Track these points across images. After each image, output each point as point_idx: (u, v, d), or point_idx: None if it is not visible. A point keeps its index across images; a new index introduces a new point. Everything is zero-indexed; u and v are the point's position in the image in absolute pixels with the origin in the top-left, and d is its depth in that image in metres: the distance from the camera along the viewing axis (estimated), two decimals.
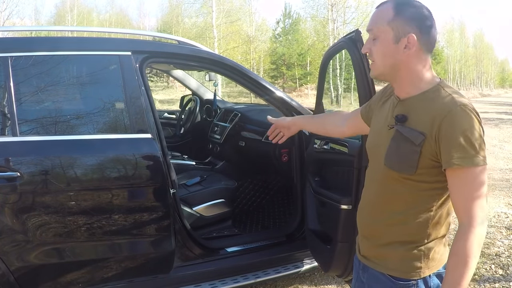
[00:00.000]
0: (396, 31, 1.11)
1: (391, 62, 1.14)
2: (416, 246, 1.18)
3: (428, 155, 1.09)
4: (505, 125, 13.53)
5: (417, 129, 1.10)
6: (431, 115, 1.08)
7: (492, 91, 58.23)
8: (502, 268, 3.09)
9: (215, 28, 20.46)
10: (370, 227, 1.28)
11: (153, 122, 2.16)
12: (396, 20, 1.11)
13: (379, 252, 1.25)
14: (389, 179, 1.18)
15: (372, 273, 1.27)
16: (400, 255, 1.20)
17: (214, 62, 2.52)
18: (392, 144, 1.16)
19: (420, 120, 1.11)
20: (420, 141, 1.09)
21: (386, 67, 1.16)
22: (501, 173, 6.28)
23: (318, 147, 2.42)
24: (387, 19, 1.12)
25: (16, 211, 1.89)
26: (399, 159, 1.13)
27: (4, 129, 1.96)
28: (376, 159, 1.24)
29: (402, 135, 1.13)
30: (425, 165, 1.10)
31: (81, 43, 2.28)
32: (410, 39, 1.11)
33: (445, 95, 1.10)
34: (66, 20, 31.66)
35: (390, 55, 1.13)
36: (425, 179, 1.12)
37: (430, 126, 1.08)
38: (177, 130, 4.26)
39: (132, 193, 2.12)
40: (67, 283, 2.04)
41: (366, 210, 1.29)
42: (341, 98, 22.44)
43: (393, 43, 1.12)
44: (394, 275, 1.21)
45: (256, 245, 2.62)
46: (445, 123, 1.05)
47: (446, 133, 1.05)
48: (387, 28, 1.12)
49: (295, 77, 29.72)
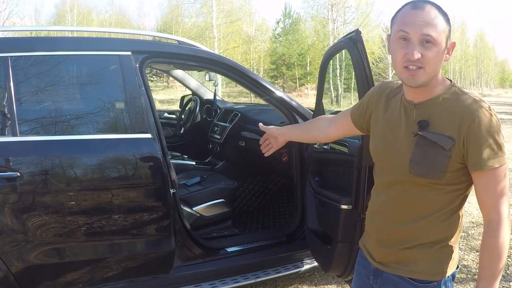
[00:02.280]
0: (446, 36, 1.11)
1: (437, 68, 1.13)
2: (441, 247, 1.20)
3: (456, 158, 1.11)
4: (505, 125, 13.53)
5: (444, 134, 1.11)
6: (457, 118, 1.10)
7: (492, 91, 58.22)
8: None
9: (215, 28, 20.46)
10: (391, 233, 1.25)
11: (153, 122, 2.16)
12: (446, 27, 1.11)
13: (401, 255, 1.23)
14: (414, 185, 1.17)
15: (387, 278, 1.26)
16: (425, 257, 1.20)
17: (214, 62, 2.52)
18: (417, 150, 1.14)
19: (446, 124, 1.11)
20: (450, 146, 1.10)
21: (434, 73, 1.12)
22: None
23: (318, 147, 2.42)
24: (444, 27, 1.10)
25: (16, 211, 1.90)
26: (427, 165, 1.13)
27: (4, 129, 1.96)
28: (391, 165, 1.22)
29: (429, 141, 1.12)
30: (453, 169, 1.12)
31: (81, 43, 2.28)
32: (453, 46, 1.13)
33: (466, 97, 1.13)
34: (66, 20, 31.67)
35: (439, 62, 1.12)
36: (451, 182, 1.14)
37: (458, 130, 1.09)
38: (177, 130, 4.26)
39: (132, 193, 2.12)
40: (67, 283, 2.04)
41: (384, 217, 1.26)
42: (341, 98, 22.45)
43: (443, 50, 1.11)
44: (417, 277, 1.20)
45: (256, 245, 2.62)
46: (474, 127, 1.07)
47: (475, 137, 1.07)
48: (443, 36, 1.10)
49: (295, 77, 29.73)
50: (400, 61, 1.11)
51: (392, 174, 1.23)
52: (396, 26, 1.13)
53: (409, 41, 1.09)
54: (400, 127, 1.20)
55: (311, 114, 2.64)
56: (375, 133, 1.31)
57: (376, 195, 1.30)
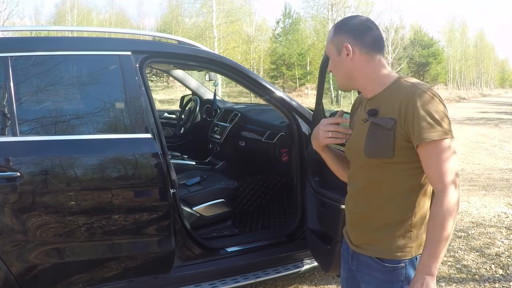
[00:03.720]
0: (336, 45, 1.29)
1: (342, 71, 1.30)
2: (403, 226, 1.26)
3: (401, 137, 1.20)
4: (505, 125, 13.54)
5: (387, 117, 1.22)
6: (398, 101, 1.20)
7: (492, 91, 58.26)
8: (502, 268, 3.09)
9: (215, 28, 20.44)
10: (359, 215, 1.35)
11: (153, 122, 2.16)
12: (334, 37, 1.29)
13: (370, 237, 1.32)
14: (370, 167, 1.27)
15: (361, 260, 1.34)
16: (390, 237, 1.27)
17: (214, 62, 2.52)
18: (369, 134, 1.26)
19: (389, 109, 1.23)
20: (391, 125, 1.20)
21: (343, 77, 1.31)
22: (501, 173, 6.28)
23: None
24: (329, 38, 1.32)
25: (16, 211, 1.90)
26: (377, 146, 1.23)
27: (4, 129, 1.96)
28: (355, 155, 1.33)
29: (376, 125, 1.24)
30: (400, 146, 1.20)
31: (81, 43, 2.28)
32: (346, 47, 1.26)
33: (407, 84, 1.23)
34: (66, 20, 31.66)
35: (338, 66, 1.30)
36: (402, 160, 1.22)
37: (398, 110, 1.20)
38: (177, 130, 4.26)
39: (132, 193, 2.12)
40: (67, 283, 2.05)
41: (353, 201, 1.37)
42: (341, 98, 22.45)
43: (336, 56, 1.30)
44: (384, 257, 1.28)
45: (256, 245, 2.62)
46: (410, 105, 1.17)
47: (412, 113, 1.17)
48: (330, 45, 1.31)
49: (295, 77, 29.70)
50: None
51: (355, 162, 1.35)
52: None
53: None
54: (359, 120, 1.34)
55: (311, 114, 2.64)
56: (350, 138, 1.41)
57: (348, 184, 1.42)
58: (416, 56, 38.66)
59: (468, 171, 6.39)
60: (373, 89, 1.28)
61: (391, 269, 1.27)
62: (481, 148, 8.69)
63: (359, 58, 1.26)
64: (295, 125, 2.66)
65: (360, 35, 1.26)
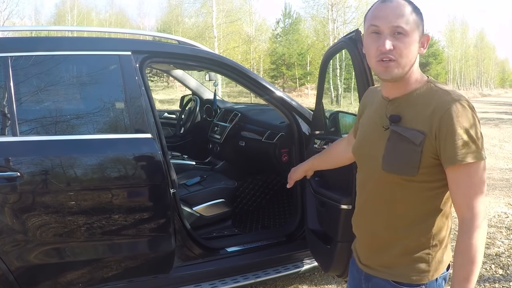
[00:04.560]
0: (420, 30, 1.10)
1: (412, 60, 1.10)
2: (422, 249, 1.15)
3: (429, 153, 1.06)
4: (505, 125, 13.53)
5: (415, 128, 1.08)
6: (429, 112, 1.06)
7: (492, 91, 58.20)
8: (502, 268, 3.09)
9: (215, 28, 20.44)
10: (372, 235, 1.23)
11: (153, 122, 2.16)
12: (420, 21, 1.10)
13: (384, 259, 1.20)
14: (388, 183, 1.14)
15: (376, 282, 1.23)
16: (407, 261, 1.16)
17: (214, 62, 2.52)
18: (389, 146, 1.12)
19: (417, 118, 1.08)
20: (420, 140, 1.06)
21: (408, 66, 1.10)
22: (501, 173, 6.27)
23: (318, 147, 2.42)
24: (415, 18, 1.08)
25: (16, 211, 1.89)
26: (399, 161, 1.09)
27: (4, 129, 1.96)
28: (369, 164, 1.20)
29: (400, 135, 1.09)
30: (427, 164, 1.07)
31: (81, 43, 2.28)
32: (425, 39, 1.11)
33: (440, 92, 1.09)
34: (66, 20, 31.66)
35: (413, 52, 1.09)
36: (427, 179, 1.09)
37: (429, 123, 1.05)
38: (177, 130, 4.26)
39: (132, 193, 2.12)
40: (67, 283, 2.04)
41: (365, 218, 1.25)
42: (341, 98, 22.43)
43: (417, 42, 1.10)
44: (401, 281, 1.17)
45: (256, 245, 2.62)
46: (446, 120, 1.03)
47: (447, 129, 1.03)
48: (415, 26, 1.08)
49: (295, 77, 29.71)
50: (374, 55, 1.09)
51: (367, 172, 1.21)
52: (367, 22, 1.12)
53: (380, 34, 1.08)
54: (375, 123, 1.19)
55: (311, 114, 2.64)
56: (357, 136, 1.31)
57: (358, 195, 1.28)
58: None
59: None
60: (403, 89, 1.13)
61: None
62: None
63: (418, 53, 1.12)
64: (295, 125, 2.65)
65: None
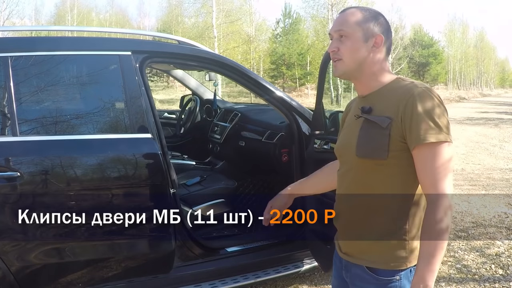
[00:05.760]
0: (365, 31, 1.21)
1: (359, 58, 1.21)
2: (397, 235, 1.19)
3: (397, 137, 1.14)
4: (505, 125, 13.53)
5: (383, 115, 1.17)
6: (395, 100, 1.16)
7: (492, 91, 58.24)
8: (502, 268, 3.09)
9: (215, 28, 20.44)
10: (349, 222, 1.29)
11: (153, 122, 2.16)
12: (367, 23, 1.22)
13: (361, 245, 1.25)
14: (362, 169, 1.21)
15: (354, 272, 1.27)
16: (384, 246, 1.21)
17: (214, 62, 2.52)
18: (361, 133, 1.20)
19: (385, 107, 1.18)
20: (387, 124, 1.15)
21: (353, 63, 1.22)
22: (501, 173, 6.28)
23: (318, 147, 2.42)
24: (356, 20, 1.22)
25: (16, 211, 1.89)
26: (370, 145, 1.17)
27: (4, 129, 1.96)
28: (346, 156, 1.27)
29: (370, 122, 1.18)
30: (396, 147, 1.15)
31: (81, 43, 2.28)
32: (378, 39, 1.22)
33: (407, 83, 1.19)
34: (66, 20, 31.65)
35: (359, 51, 1.21)
36: (396, 162, 1.16)
37: (395, 109, 1.15)
38: (177, 130, 4.26)
39: (132, 193, 2.12)
40: (67, 283, 2.04)
41: (343, 206, 1.31)
42: (341, 98, 22.44)
43: (362, 41, 1.21)
44: (377, 267, 1.21)
45: (256, 245, 2.62)
46: (409, 104, 1.12)
47: (410, 113, 1.12)
48: (356, 28, 1.21)
49: (295, 77, 29.69)
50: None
51: (346, 163, 1.28)
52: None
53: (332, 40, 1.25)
54: (351, 119, 1.29)
55: (311, 114, 2.64)
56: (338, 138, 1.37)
57: (338, 187, 1.34)
58: (416, 56, 38.66)
59: (468, 171, 6.39)
60: (371, 86, 1.24)
61: (386, 282, 1.20)
62: (481, 148, 8.69)
63: (379, 55, 1.23)
64: (295, 125, 2.65)
65: (389, 34, 1.25)
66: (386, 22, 1.26)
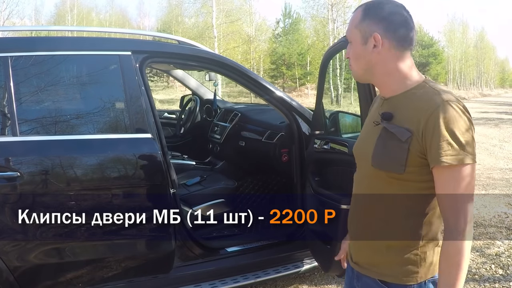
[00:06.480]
0: (362, 32, 1.13)
1: (363, 63, 1.15)
2: (410, 249, 1.14)
3: (416, 152, 1.06)
4: (505, 125, 13.53)
5: (403, 126, 1.08)
6: (418, 111, 1.06)
7: (492, 91, 58.20)
8: (502, 268, 3.09)
9: (215, 28, 20.44)
10: (361, 233, 1.24)
11: (153, 122, 2.16)
12: (363, 22, 1.13)
13: (372, 257, 1.21)
14: (377, 180, 1.14)
15: (365, 282, 1.23)
16: (395, 260, 1.15)
17: (214, 62, 2.52)
18: (379, 142, 1.13)
19: (407, 117, 1.09)
20: (406, 138, 1.06)
21: (360, 69, 1.16)
22: (501, 173, 6.28)
23: (318, 147, 2.42)
24: (355, 22, 1.15)
25: (16, 211, 1.89)
26: (386, 157, 1.10)
27: (4, 129, 1.96)
28: (363, 162, 1.21)
29: (389, 132, 1.10)
30: (414, 163, 1.07)
31: (81, 43, 2.28)
32: (375, 38, 1.11)
33: (432, 91, 1.08)
34: (66, 20, 31.66)
35: (361, 56, 1.14)
36: (414, 178, 1.09)
37: (417, 122, 1.05)
38: (177, 130, 4.26)
39: (132, 193, 2.12)
40: (67, 283, 2.05)
41: (356, 215, 1.26)
42: (341, 98, 22.43)
43: (361, 45, 1.13)
44: (388, 280, 1.16)
45: (256, 245, 2.62)
46: (432, 119, 1.03)
47: (433, 129, 1.02)
48: (355, 31, 1.14)
49: (295, 77, 29.69)
50: None
51: (362, 169, 1.23)
52: None
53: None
54: (371, 121, 1.21)
55: (311, 114, 2.64)
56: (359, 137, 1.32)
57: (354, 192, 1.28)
58: (416, 56, 38.64)
59: None
60: (392, 89, 1.14)
61: None
62: (481, 148, 8.68)
63: (387, 52, 1.11)
64: (295, 125, 2.66)
65: (393, 27, 1.11)
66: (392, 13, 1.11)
